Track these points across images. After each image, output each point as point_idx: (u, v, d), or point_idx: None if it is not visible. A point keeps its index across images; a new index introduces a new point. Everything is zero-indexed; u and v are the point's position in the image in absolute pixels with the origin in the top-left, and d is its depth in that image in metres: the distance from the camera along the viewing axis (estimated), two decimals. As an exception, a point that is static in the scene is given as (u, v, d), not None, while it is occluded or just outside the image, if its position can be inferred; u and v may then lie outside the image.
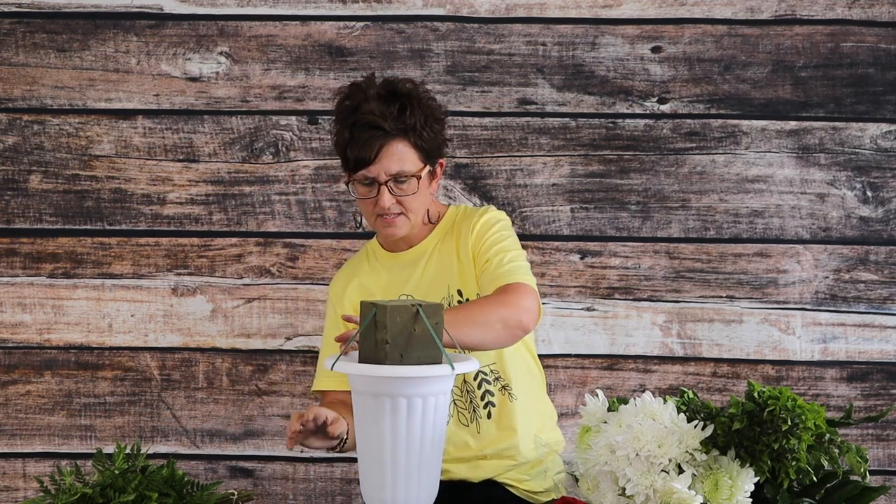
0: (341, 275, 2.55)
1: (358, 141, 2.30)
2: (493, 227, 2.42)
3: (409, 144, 2.33)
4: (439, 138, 2.39)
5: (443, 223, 2.48)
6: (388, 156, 2.31)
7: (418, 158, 2.35)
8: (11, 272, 3.18)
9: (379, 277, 2.48)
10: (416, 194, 2.35)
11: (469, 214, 2.47)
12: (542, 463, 2.43)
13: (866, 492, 1.91)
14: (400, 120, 2.31)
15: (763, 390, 1.84)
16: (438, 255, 2.45)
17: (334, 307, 2.50)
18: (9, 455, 3.20)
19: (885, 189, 3.18)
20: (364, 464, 1.98)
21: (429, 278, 2.43)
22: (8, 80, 3.17)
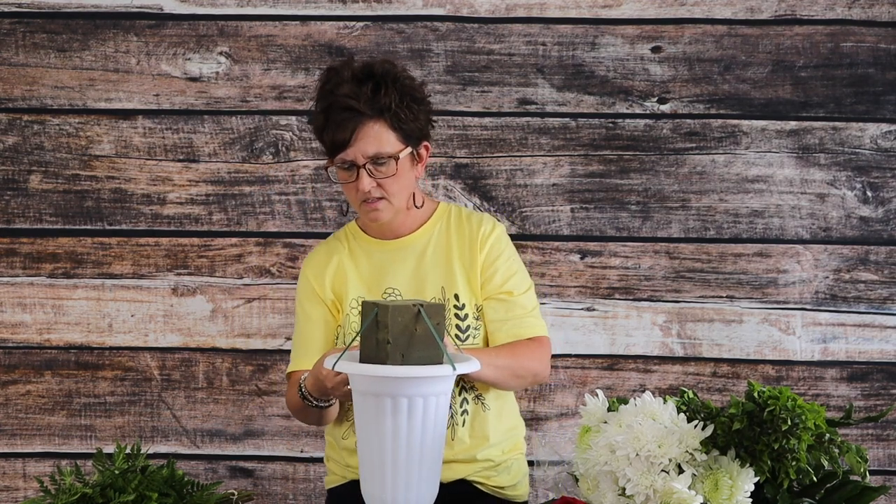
0: (319, 254, 2.47)
1: (333, 124, 2.28)
2: (504, 252, 2.42)
3: (385, 125, 2.28)
4: (420, 119, 2.33)
5: (436, 219, 2.44)
6: (363, 137, 2.28)
7: (397, 139, 2.29)
8: (11, 272, 3.18)
9: (358, 263, 2.43)
10: (396, 176, 2.30)
11: (474, 223, 2.43)
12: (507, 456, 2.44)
13: (866, 492, 1.91)
14: (374, 100, 2.27)
15: (763, 390, 1.84)
16: (433, 254, 2.41)
17: (312, 284, 2.43)
18: (9, 455, 3.20)
19: (885, 189, 3.18)
20: (365, 464, 1.98)
21: (419, 275, 2.39)
22: (8, 80, 3.17)
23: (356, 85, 2.28)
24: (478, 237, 2.40)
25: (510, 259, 2.42)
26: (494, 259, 2.39)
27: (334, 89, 2.30)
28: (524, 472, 2.49)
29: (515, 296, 2.39)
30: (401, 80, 2.32)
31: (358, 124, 2.27)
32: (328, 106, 2.29)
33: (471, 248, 2.40)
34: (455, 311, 2.36)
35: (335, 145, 2.30)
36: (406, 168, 2.33)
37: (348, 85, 2.29)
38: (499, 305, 2.37)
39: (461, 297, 2.37)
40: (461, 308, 2.36)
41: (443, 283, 2.38)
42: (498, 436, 2.41)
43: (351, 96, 2.27)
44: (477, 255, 2.39)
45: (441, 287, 2.37)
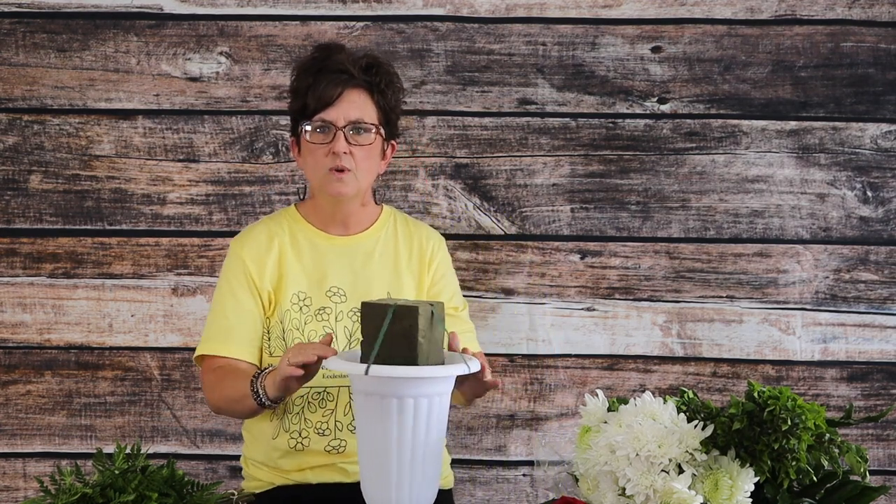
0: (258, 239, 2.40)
1: (321, 83, 2.31)
2: (449, 268, 2.50)
3: (370, 98, 2.34)
4: (398, 110, 2.41)
5: (382, 221, 2.46)
6: (349, 100, 2.32)
7: (377, 117, 2.35)
8: (11, 272, 3.18)
9: (301, 255, 2.38)
10: (368, 150, 2.33)
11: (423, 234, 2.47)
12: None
13: (866, 492, 1.91)
14: (367, 73, 2.34)
15: (763, 390, 1.84)
16: (381, 258, 2.41)
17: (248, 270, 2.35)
18: (9, 455, 3.20)
19: (885, 189, 3.18)
20: (366, 464, 1.98)
21: (366, 278, 2.37)
22: (8, 80, 3.17)
23: (353, 57, 2.35)
24: (427, 250, 2.45)
25: (452, 276, 2.50)
26: (442, 275, 2.45)
27: (328, 56, 2.35)
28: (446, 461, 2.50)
29: (460, 311, 2.47)
30: (391, 72, 2.39)
31: (348, 86, 2.32)
32: (320, 68, 2.33)
33: (420, 260, 2.43)
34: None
35: (320, 103, 2.31)
36: (376, 152, 2.36)
37: (344, 55, 2.35)
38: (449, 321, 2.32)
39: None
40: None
41: (389, 289, 2.35)
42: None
43: (346, 62, 2.33)
44: (425, 269, 2.43)
45: (387, 293, 2.31)
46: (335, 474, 2.33)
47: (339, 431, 2.32)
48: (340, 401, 2.33)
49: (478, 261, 3.18)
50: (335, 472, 2.33)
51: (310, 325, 2.33)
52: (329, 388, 2.33)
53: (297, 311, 2.34)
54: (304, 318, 2.33)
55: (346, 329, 2.34)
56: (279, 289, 2.36)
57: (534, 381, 3.19)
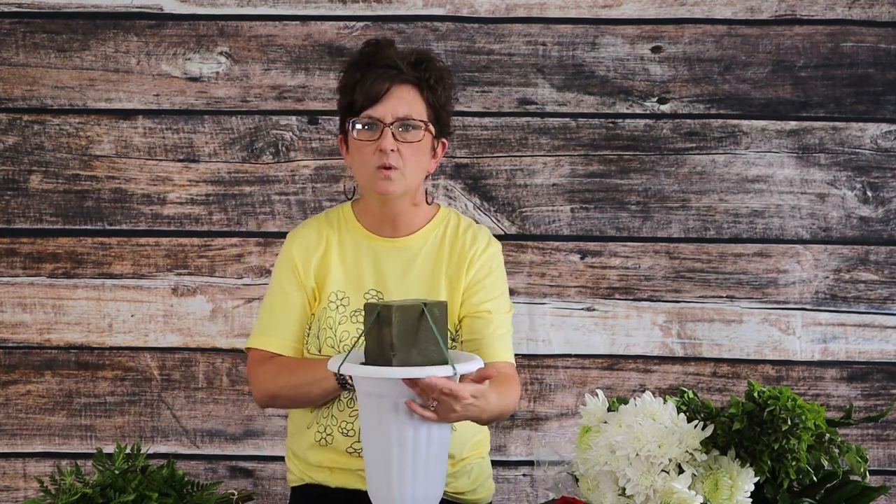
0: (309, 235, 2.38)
1: (369, 79, 2.25)
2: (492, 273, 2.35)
3: (419, 94, 2.27)
4: (449, 107, 2.32)
5: (434, 224, 2.38)
6: (398, 96, 2.25)
7: (426, 114, 2.28)
8: (11, 272, 3.18)
9: (345, 256, 2.35)
10: (417, 147, 2.26)
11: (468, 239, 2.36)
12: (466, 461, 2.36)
13: (866, 492, 1.91)
14: (416, 68, 2.27)
15: (763, 390, 1.84)
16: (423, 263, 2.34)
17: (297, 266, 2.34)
18: (9, 455, 3.20)
19: (885, 189, 3.18)
20: (371, 465, 1.98)
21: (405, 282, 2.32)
22: (8, 80, 3.17)
23: (400, 53, 2.29)
24: (468, 255, 2.34)
25: (497, 281, 2.36)
26: (481, 279, 2.34)
27: (377, 51, 2.28)
28: (486, 475, 2.42)
29: (493, 315, 2.32)
30: (442, 68, 2.32)
31: (396, 82, 2.25)
32: (368, 63, 2.27)
33: (458, 265, 2.34)
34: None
35: (368, 99, 2.25)
36: (425, 149, 2.29)
37: (393, 49, 2.29)
38: (473, 323, 2.31)
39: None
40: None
41: (426, 297, 2.29)
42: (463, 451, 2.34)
43: (395, 57, 2.26)
44: (463, 275, 2.33)
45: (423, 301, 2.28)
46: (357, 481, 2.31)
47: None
48: None
49: (478, 261, 3.17)
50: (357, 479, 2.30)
51: (343, 326, 2.31)
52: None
53: (334, 311, 2.31)
54: (338, 318, 2.31)
55: None
56: (321, 287, 2.34)
57: (534, 381, 3.19)
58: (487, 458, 2.44)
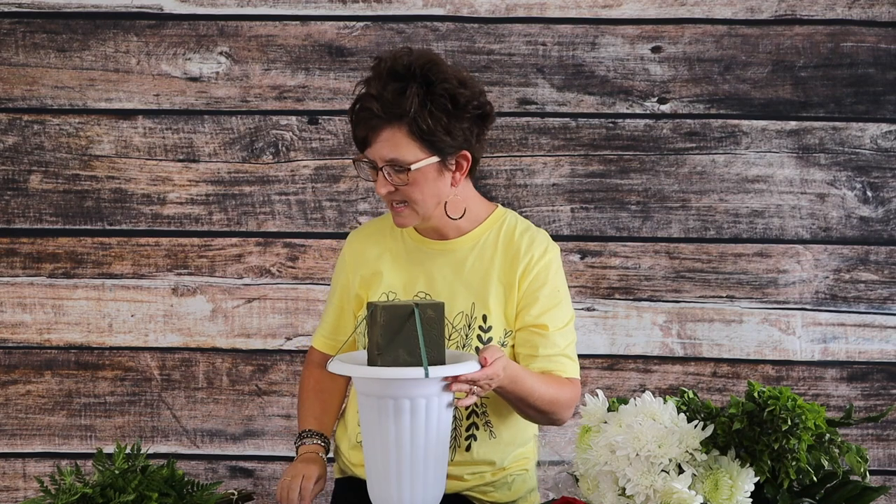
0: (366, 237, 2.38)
1: (356, 121, 2.18)
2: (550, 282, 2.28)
3: (404, 131, 2.14)
4: (454, 128, 2.16)
5: (486, 226, 2.30)
6: (381, 141, 2.15)
7: (417, 147, 2.15)
8: (11, 272, 3.18)
9: (397, 258, 2.32)
10: (413, 185, 2.17)
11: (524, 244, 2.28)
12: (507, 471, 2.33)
13: (866, 492, 1.91)
14: (395, 104, 2.13)
15: (763, 390, 1.84)
16: (473, 266, 2.28)
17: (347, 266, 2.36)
18: (9, 455, 3.20)
19: (885, 189, 3.18)
20: (371, 465, 1.98)
21: (454, 286, 2.27)
22: (8, 80, 3.17)
23: (384, 83, 2.15)
24: (522, 262, 2.27)
25: (555, 290, 2.29)
26: (538, 289, 2.26)
27: (367, 83, 2.19)
28: (528, 488, 2.36)
29: (550, 331, 2.26)
30: (435, 83, 2.17)
31: (374, 127, 2.16)
32: (356, 100, 2.19)
33: (511, 270, 2.26)
34: (479, 332, 2.24)
35: (356, 142, 2.21)
36: (429, 178, 2.18)
37: (378, 82, 2.16)
38: (531, 338, 2.25)
39: (489, 319, 2.25)
40: (486, 330, 2.25)
41: (474, 300, 2.25)
42: (501, 461, 2.31)
43: (374, 96, 2.15)
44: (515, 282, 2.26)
45: (472, 303, 2.25)
46: None
47: None
48: None
49: (478, 261, 3.18)
50: None
51: None
52: None
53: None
54: None
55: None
56: (372, 285, 2.32)
57: (534, 381, 3.18)
58: (533, 472, 2.36)
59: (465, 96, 2.18)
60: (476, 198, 2.31)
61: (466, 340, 2.23)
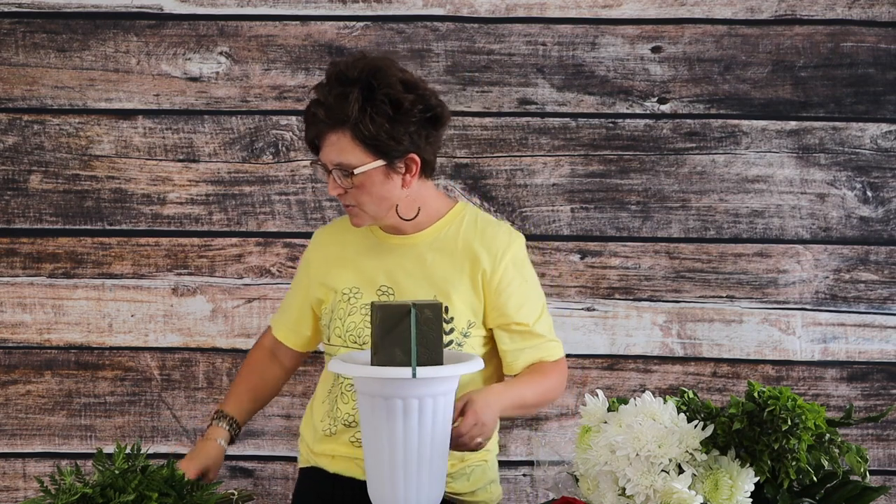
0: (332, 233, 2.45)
1: (307, 126, 2.28)
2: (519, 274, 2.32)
3: (348, 136, 2.20)
4: (398, 132, 2.20)
5: (447, 221, 2.35)
6: (327, 145, 2.23)
7: (362, 151, 2.20)
8: (11, 272, 3.18)
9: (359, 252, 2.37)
10: (360, 189, 2.23)
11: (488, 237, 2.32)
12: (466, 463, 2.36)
13: (866, 492, 1.91)
14: (338, 109, 2.19)
15: (763, 390, 1.84)
16: (434, 260, 2.32)
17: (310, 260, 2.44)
18: (9, 455, 3.20)
19: (885, 189, 3.18)
20: (372, 464, 1.98)
21: (416, 279, 2.32)
22: (8, 80, 3.17)
23: (331, 89, 2.22)
24: (491, 258, 2.30)
25: (524, 282, 2.33)
26: (508, 284, 2.30)
27: (318, 88, 2.27)
28: (489, 479, 2.41)
29: (531, 325, 2.32)
30: (377, 89, 2.21)
31: (321, 132, 2.24)
32: (306, 108, 2.28)
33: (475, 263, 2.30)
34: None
35: (307, 145, 2.31)
36: (375, 181, 2.24)
37: (324, 87, 2.24)
38: (515, 336, 2.32)
39: (451, 311, 2.29)
40: (448, 321, 2.28)
41: (435, 293, 2.29)
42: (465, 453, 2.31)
43: (319, 101, 2.24)
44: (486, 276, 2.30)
45: (433, 296, 2.29)
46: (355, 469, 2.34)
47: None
48: None
49: (478, 261, 3.17)
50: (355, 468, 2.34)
51: (352, 317, 2.32)
52: None
53: (346, 303, 2.34)
54: (349, 310, 2.33)
55: None
56: (336, 280, 2.37)
57: (534, 381, 3.18)
58: (493, 462, 2.43)
59: (409, 100, 2.22)
60: (434, 196, 2.37)
61: None
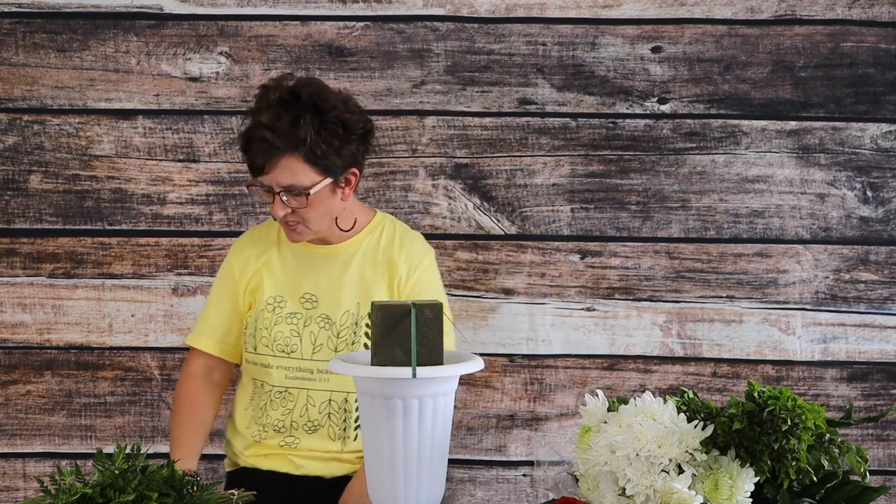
0: (251, 243, 2.50)
1: (251, 150, 2.30)
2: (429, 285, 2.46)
3: (300, 158, 2.29)
4: (344, 151, 2.32)
5: (368, 231, 2.47)
6: (278, 169, 2.29)
7: (313, 172, 2.30)
8: (11, 272, 3.18)
9: (284, 262, 2.45)
10: (311, 207, 2.33)
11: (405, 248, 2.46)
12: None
13: (866, 492, 1.91)
14: (290, 133, 2.27)
15: (763, 390, 1.84)
16: (357, 268, 2.44)
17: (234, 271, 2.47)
18: (9, 455, 3.20)
19: (885, 189, 3.18)
20: (372, 464, 1.98)
21: (339, 286, 2.43)
22: (8, 80, 3.17)
23: (277, 114, 2.28)
24: (407, 265, 2.44)
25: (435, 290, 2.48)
26: (419, 293, 2.44)
27: (258, 112, 2.31)
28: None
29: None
30: (326, 111, 2.30)
31: (272, 156, 2.28)
32: (249, 129, 2.31)
33: (396, 273, 2.44)
34: (366, 330, 2.40)
35: (252, 170, 2.33)
36: (324, 198, 2.34)
37: (270, 111, 2.29)
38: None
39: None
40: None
41: (359, 299, 2.42)
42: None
43: (268, 126, 2.28)
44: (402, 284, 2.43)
45: (357, 302, 2.41)
46: (287, 465, 2.44)
47: (295, 430, 2.44)
48: (299, 402, 2.44)
49: (478, 261, 3.18)
50: (287, 464, 2.44)
51: (278, 327, 2.42)
52: (290, 389, 2.44)
53: (270, 313, 2.43)
54: (274, 319, 2.43)
55: (311, 334, 2.42)
56: (259, 289, 2.45)
57: (534, 381, 3.19)
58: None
59: (353, 120, 2.33)
60: (359, 206, 2.49)
61: (355, 338, 2.40)
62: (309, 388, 2.41)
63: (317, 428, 2.41)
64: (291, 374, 2.41)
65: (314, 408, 2.41)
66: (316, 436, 2.42)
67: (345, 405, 2.41)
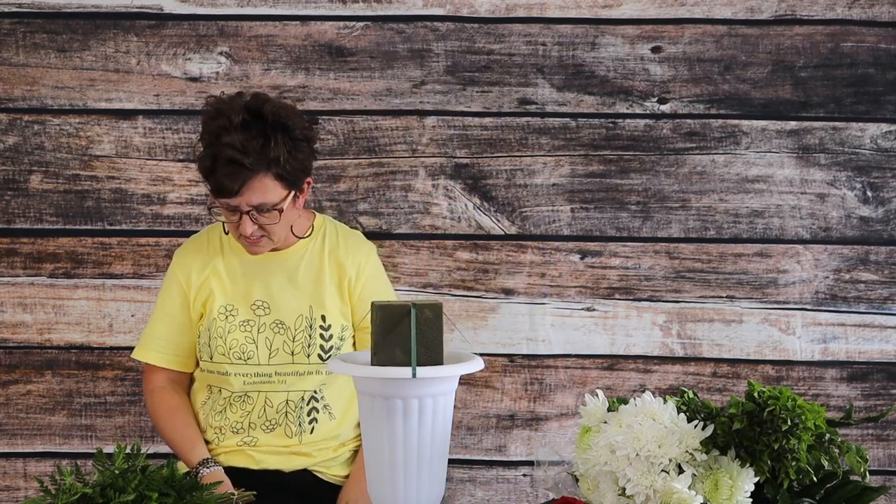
0: (194, 252, 2.49)
1: (219, 172, 2.28)
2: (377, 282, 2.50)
3: (271, 177, 2.30)
4: (307, 162, 2.36)
5: (314, 234, 2.49)
6: (250, 190, 2.29)
7: (282, 188, 2.32)
8: (12, 272, 3.18)
9: (231, 270, 2.46)
10: (279, 217, 2.35)
11: (350, 248, 2.48)
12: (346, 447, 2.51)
13: (866, 492, 1.91)
14: (262, 154, 2.28)
15: (763, 390, 1.84)
16: (305, 272, 2.46)
17: (180, 282, 2.47)
18: (9, 455, 3.20)
19: (885, 189, 3.18)
20: (372, 464, 1.98)
21: (289, 291, 2.44)
22: (8, 80, 3.17)
23: (244, 135, 2.27)
24: (355, 266, 2.47)
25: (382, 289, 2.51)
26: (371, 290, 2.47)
27: (221, 134, 2.28)
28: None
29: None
30: (291, 128, 2.32)
31: (245, 178, 2.28)
32: (216, 153, 2.28)
33: (341, 273, 2.46)
34: (321, 332, 2.42)
35: (221, 192, 2.30)
36: (288, 210, 2.37)
37: (237, 134, 2.27)
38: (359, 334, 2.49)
39: (328, 319, 2.44)
40: (327, 329, 2.43)
41: (311, 303, 2.44)
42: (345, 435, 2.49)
43: (239, 149, 2.26)
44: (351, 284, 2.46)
45: (309, 306, 2.43)
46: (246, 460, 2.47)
47: (253, 430, 2.46)
48: (257, 404, 2.45)
49: (478, 261, 3.18)
50: (246, 459, 2.47)
51: (232, 335, 2.43)
52: (249, 392, 2.45)
53: (223, 321, 2.43)
54: (228, 328, 2.43)
55: (266, 340, 2.43)
56: (209, 299, 2.45)
57: (534, 381, 3.19)
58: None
59: (312, 133, 2.38)
60: (305, 211, 2.50)
61: (311, 340, 2.41)
62: (267, 391, 2.44)
63: (274, 427, 2.44)
64: (250, 379, 2.43)
65: (272, 408, 2.44)
66: (273, 434, 2.45)
67: (301, 403, 2.44)
